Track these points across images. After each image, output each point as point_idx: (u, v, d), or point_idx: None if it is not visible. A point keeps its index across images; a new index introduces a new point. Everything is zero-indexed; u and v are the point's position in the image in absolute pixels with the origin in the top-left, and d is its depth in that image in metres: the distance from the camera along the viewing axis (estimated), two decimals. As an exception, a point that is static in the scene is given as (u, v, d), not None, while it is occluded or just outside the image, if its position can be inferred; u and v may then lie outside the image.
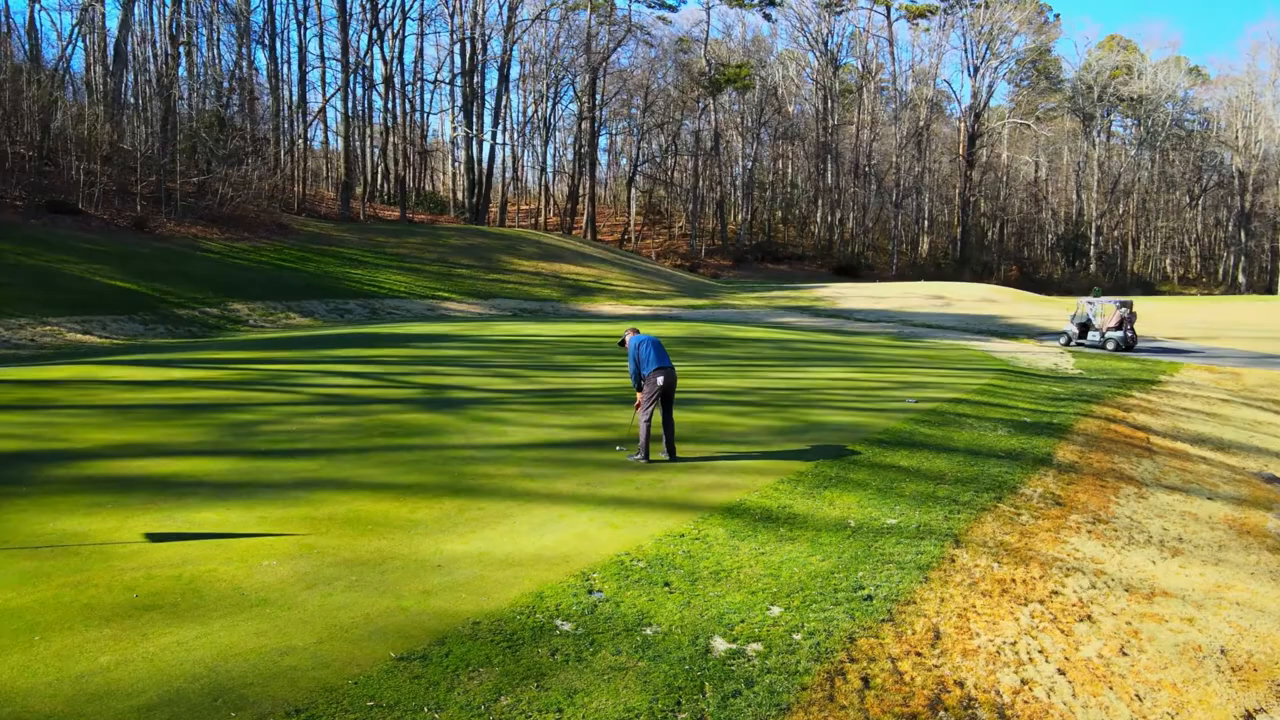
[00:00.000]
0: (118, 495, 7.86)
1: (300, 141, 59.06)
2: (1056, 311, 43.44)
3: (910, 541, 8.30)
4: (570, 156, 79.19)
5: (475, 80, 64.92)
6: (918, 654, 6.25)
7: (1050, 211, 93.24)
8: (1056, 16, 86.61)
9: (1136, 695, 6.57)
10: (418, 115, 67.63)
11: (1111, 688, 6.51)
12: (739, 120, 73.93)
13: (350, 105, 59.25)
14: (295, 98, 62.04)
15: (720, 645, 5.78)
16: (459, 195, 66.38)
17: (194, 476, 8.63)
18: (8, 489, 7.93)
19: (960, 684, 6.02)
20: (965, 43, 76.40)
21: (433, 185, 77.66)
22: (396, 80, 62.41)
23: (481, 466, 9.47)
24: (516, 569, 6.47)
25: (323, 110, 66.86)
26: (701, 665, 5.47)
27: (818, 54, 77.78)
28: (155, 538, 6.72)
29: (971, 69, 76.42)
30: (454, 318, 32.05)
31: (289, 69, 62.90)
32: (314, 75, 67.47)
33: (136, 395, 13.13)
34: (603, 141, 74.71)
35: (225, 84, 43.60)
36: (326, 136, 72.02)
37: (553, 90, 69.49)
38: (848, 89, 78.03)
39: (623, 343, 10.71)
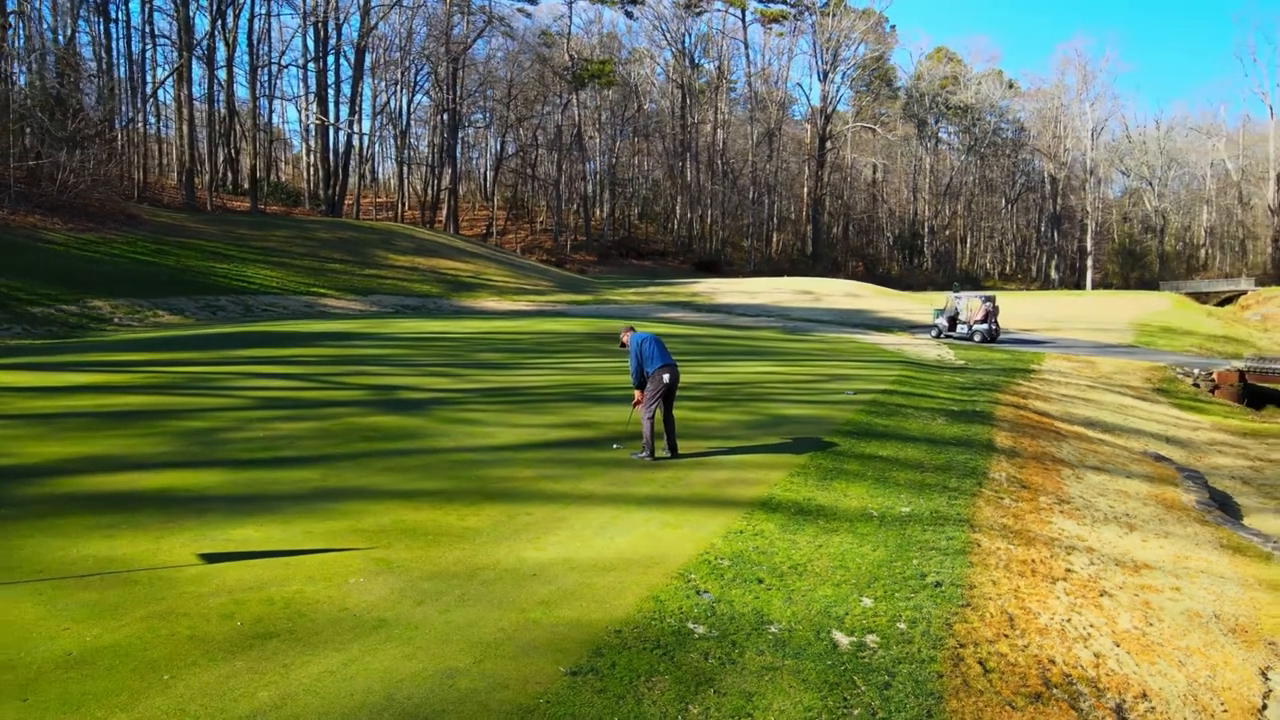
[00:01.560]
0: (125, 515, 7.09)
1: (140, 126, 54.50)
2: (913, 306, 46.17)
3: (935, 528, 8.67)
4: (425, 148, 77.10)
5: (329, 67, 62.04)
6: (1005, 635, 6.56)
7: (889, 211, 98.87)
8: (893, 28, 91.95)
9: (1180, 661, 7.15)
10: (263, 101, 63.83)
11: (1160, 657, 7.05)
12: (598, 116, 74.15)
13: (192, 88, 55.26)
14: (135, 77, 57.25)
15: (842, 639, 5.87)
16: (312, 186, 63.24)
17: (194, 491, 7.89)
18: (-19, 512, 7.00)
19: (1052, 661, 6.37)
20: (815, 49, 79.76)
21: (278, 175, 73.62)
22: (245, 63, 58.74)
23: (493, 470, 9.14)
24: (614, 574, 6.32)
25: (155, 93, 62.07)
26: (839, 660, 5.54)
27: (675, 53, 79.19)
28: (211, 558, 6.12)
29: (821, 74, 79.94)
30: (335, 315, 30.58)
31: (127, 46, 57.92)
32: (159, 54, 62.46)
33: (55, 403, 11.81)
34: (465, 134, 72.98)
35: (58, 59, 39.50)
36: (163, 121, 66.82)
37: (412, 80, 67.40)
38: (704, 89, 79.80)
39: (623, 343, 10.60)
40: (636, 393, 10.14)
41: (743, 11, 77.89)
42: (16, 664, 4.52)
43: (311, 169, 64.17)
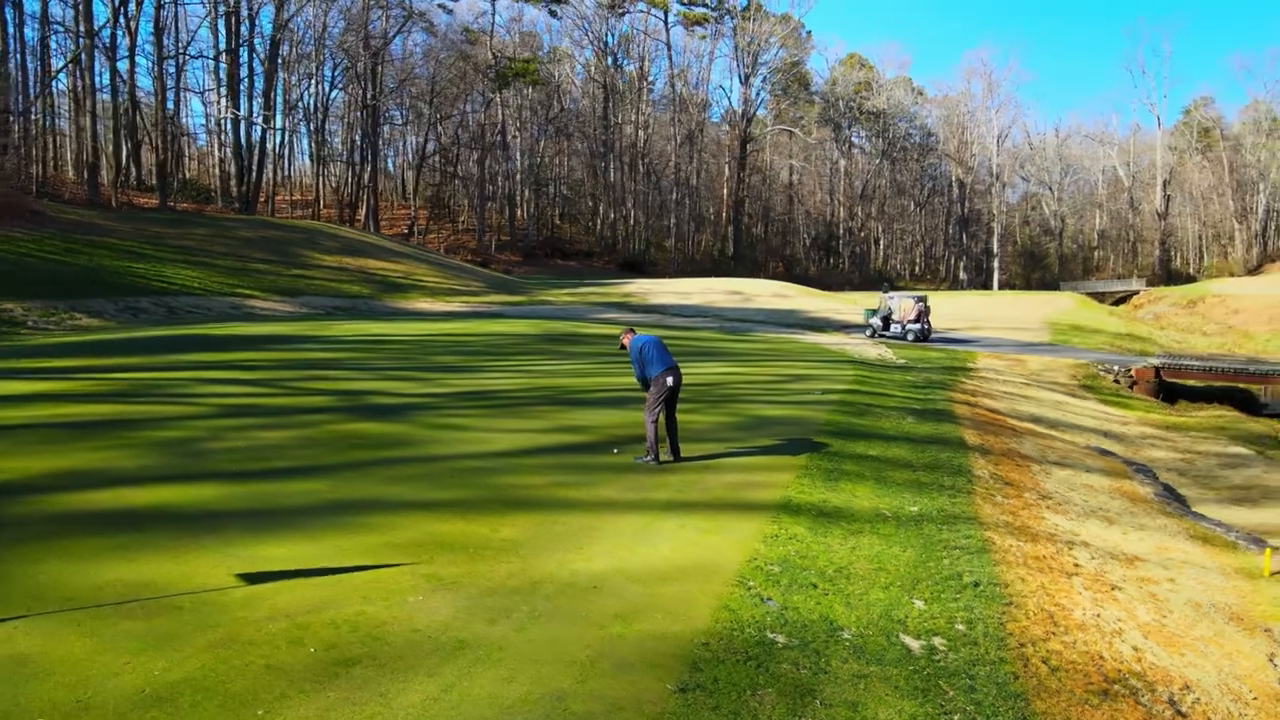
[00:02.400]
0: (135, 534, 6.60)
1: (39, 118, 51.29)
2: (841, 306, 47.16)
3: (949, 527, 8.81)
4: (340, 144, 74.99)
5: (241, 60, 59.67)
6: (1053, 633, 6.69)
7: (806, 213, 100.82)
8: (809, 33, 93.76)
9: (1202, 651, 7.41)
10: (170, 94, 60.93)
11: (1185, 649, 7.29)
12: (519, 115, 73.38)
13: (93, 79, 52.42)
14: (33, 67, 53.96)
15: (912, 643, 5.88)
16: (224, 183, 60.74)
17: (198, 506, 7.41)
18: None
19: (1101, 657, 6.52)
20: (735, 52, 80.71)
21: (184, 171, 70.49)
22: (151, 52, 55.97)
23: (502, 477, 8.88)
24: (674, 584, 6.19)
25: (50, 84, 58.65)
26: (918, 664, 5.55)
27: (597, 52, 79.01)
28: (250, 579, 5.74)
29: (743, 77, 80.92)
30: (264, 317, 29.41)
31: (19, 32, 54.41)
32: (54, 41, 58.84)
33: (6, 414, 10.95)
34: (385, 131, 71.11)
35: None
36: (58, 113, 63.12)
37: (329, 75, 65.44)
38: (627, 89, 79.89)
39: (622, 346, 10.47)
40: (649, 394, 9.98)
41: (665, 13, 78.36)
42: (91, 705, 4.14)
43: (222, 165, 61.62)
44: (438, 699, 4.38)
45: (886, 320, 33.64)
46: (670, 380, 9.87)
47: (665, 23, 79.45)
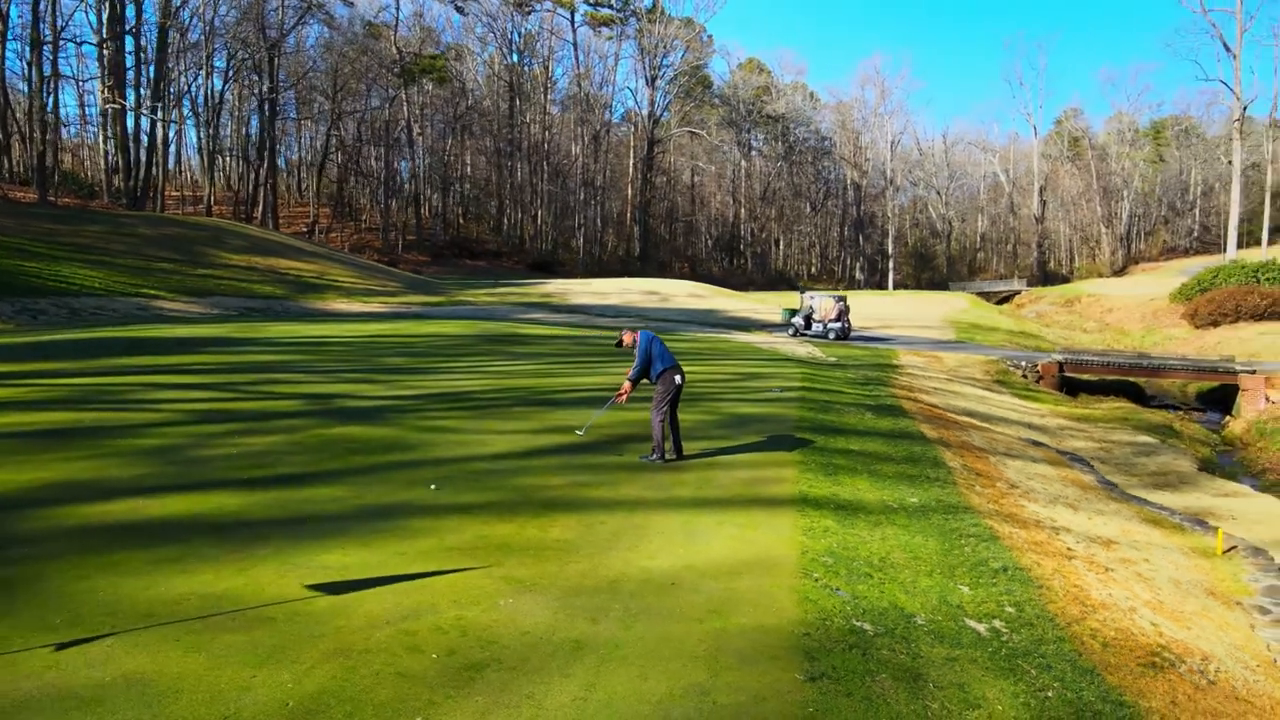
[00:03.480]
0: (179, 547, 6.28)
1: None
2: (757, 306, 48.11)
3: (953, 517, 9.22)
4: (228, 138, 71.91)
5: (128, 47, 56.46)
6: (1087, 613, 7.12)
7: (709, 214, 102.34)
8: (710, 37, 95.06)
9: (1201, 625, 7.99)
10: (49, 82, 57.06)
11: (1190, 623, 7.86)
12: (424, 112, 71.89)
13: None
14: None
15: (978, 626, 6.18)
16: (108, 177, 57.31)
17: (229, 516, 7.10)
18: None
19: (1131, 633, 6.98)
20: (641, 54, 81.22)
21: (59, 164, 66.18)
22: (25, 37, 52.35)
23: (521, 479, 8.79)
24: (746, 578, 6.31)
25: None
26: (993, 646, 5.85)
27: (503, 50, 78.19)
28: (327, 589, 5.57)
29: (649, 78, 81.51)
30: (175, 318, 27.98)
31: None
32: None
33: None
34: (283, 126, 68.33)
35: None
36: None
37: (223, 66, 62.57)
38: (533, 89, 79.31)
39: (619, 343, 10.54)
40: (626, 385, 10.03)
41: (571, 13, 78.15)
42: (243, 721, 3.97)
43: (107, 158, 58.13)
44: (585, 698, 4.38)
45: (808, 319, 34.54)
46: (678, 379, 10.00)
47: (572, 22, 79.36)
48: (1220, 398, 32.33)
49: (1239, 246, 61.02)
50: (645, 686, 4.53)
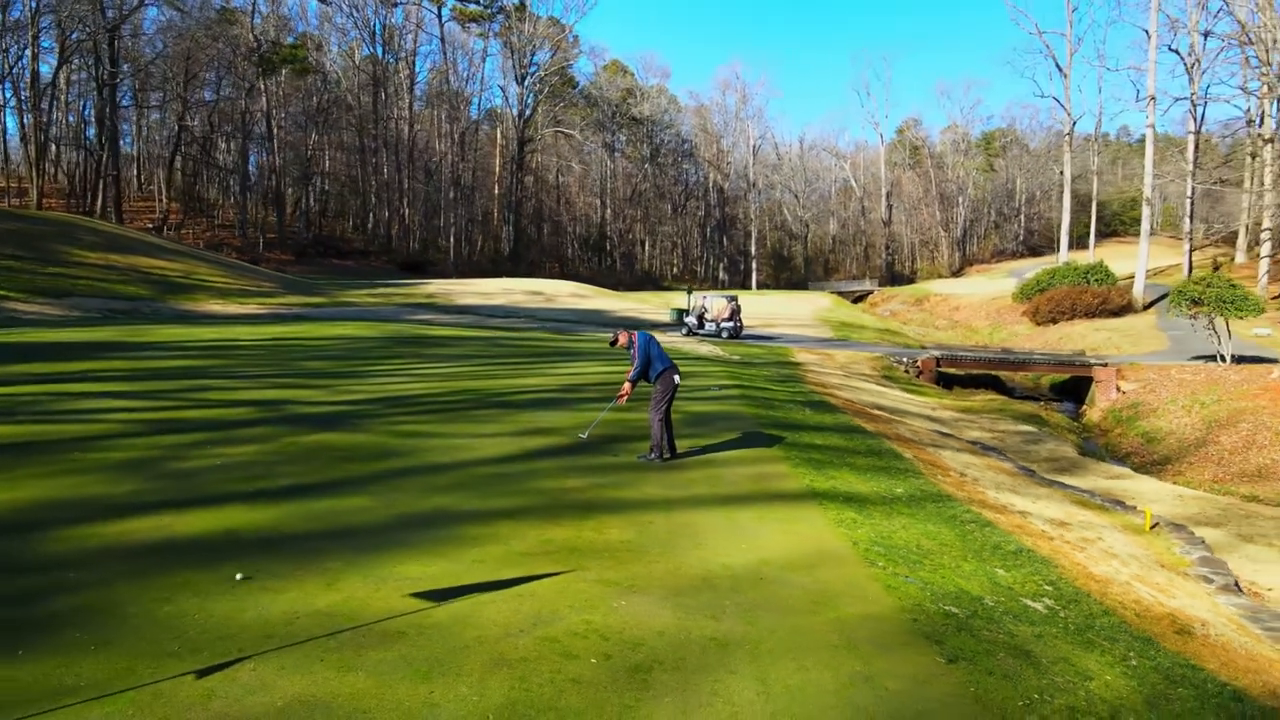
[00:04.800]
0: (241, 564, 5.90)
1: None
2: (640, 305, 48.63)
3: (944, 505, 9.78)
4: (54, 125, 66.10)
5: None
6: (1101, 586, 7.73)
7: (576, 214, 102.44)
8: (575, 38, 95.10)
9: (1178, 594, 8.81)
10: None
11: (1173, 594, 8.65)
12: (285, 103, 68.50)
13: None
14: None
15: (1035, 605, 6.65)
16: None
17: (270, 531, 6.69)
18: (45, 573, 5.48)
19: (1139, 601, 7.64)
20: (511, 53, 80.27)
21: None
22: None
23: (539, 482, 8.68)
24: (824, 570, 6.52)
25: None
26: (1060, 623, 6.31)
27: (367, 42, 75.50)
28: (431, 597, 5.39)
29: (518, 76, 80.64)
30: (33, 321, 25.61)
31: None
32: None
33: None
34: (127, 114, 63.22)
35: None
36: None
37: (56, 47, 57.33)
38: (401, 84, 76.92)
39: (614, 341, 10.57)
40: (626, 386, 10.11)
41: (439, 8, 76.35)
42: (465, 739, 3.84)
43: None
44: (766, 693, 4.47)
45: (701, 319, 35.24)
46: (677, 378, 10.16)
47: (439, 17, 77.54)
48: (1071, 388, 35.26)
49: (1069, 249, 66.44)
50: (812, 677, 4.66)
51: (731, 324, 34.51)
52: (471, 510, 7.55)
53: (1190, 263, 62.24)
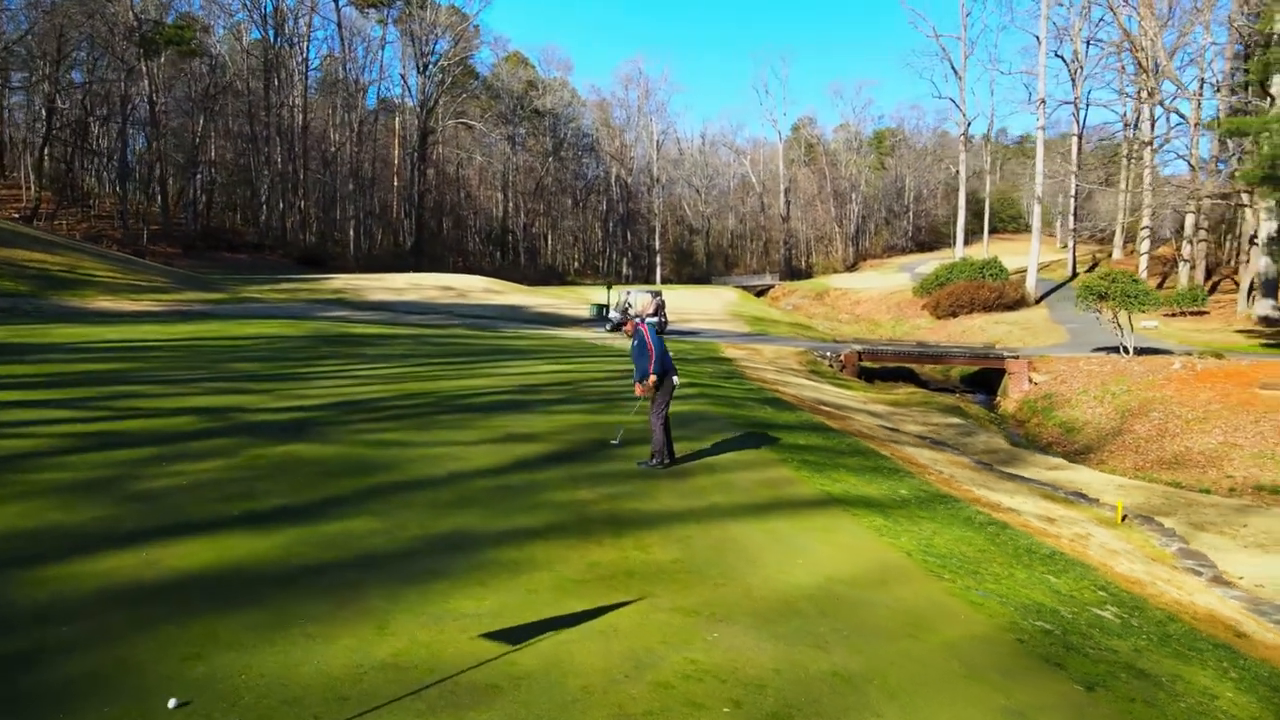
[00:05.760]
0: (266, 609, 5.10)
1: None
2: (555, 301, 47.80)
3: (952, 506, 9.63)
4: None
5: None
6: (1139, 587, 7.65)
7: (479, 208, 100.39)
8: (476, 27, 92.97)
9: (1182, 585, 8.87)
10: None
11: (1183, 588, 8.70)
12: (169, 87, 64.36)
13: None
14: None
15: (1105, 614, 6.47)
16: None
17: (276, 563, 5.87)
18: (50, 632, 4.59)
19: (1183, 604, 7.58)
20: (412, 41, 77.69)
21: None
22: None
23: (550, 495, 8.06)
24: (897, 587, 6.19)
25: None
26: (1137, 631, 6.14)
27: (257, 23, 71.76)
28: (501, 638, 4.77)
29: (420, 66, 78.10)
30: (-102, 320, 23.13)
31: None
32: None
33: None
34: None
35: None
36: None
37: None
38: (294, 69, 73.35)
39: (628, 332, 9.77)
40: (651, 379, 9.49)
41: (335, -10, 73.07)
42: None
43: None
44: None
45: (626, 314, 34.77)
46: (676, 379, 9.67)
47: (336, 3, 74.29)
48: (982, 380, 36.44)
49: (965, 245, 68.98)
50: (963, 715, 4.26)
51: (657, 320, 34.12)
52: (494, 531, 6.87)
53: (1074, 259, 65.49)
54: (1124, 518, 12.34)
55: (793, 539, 7.12)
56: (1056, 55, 63.07)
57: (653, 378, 9.41)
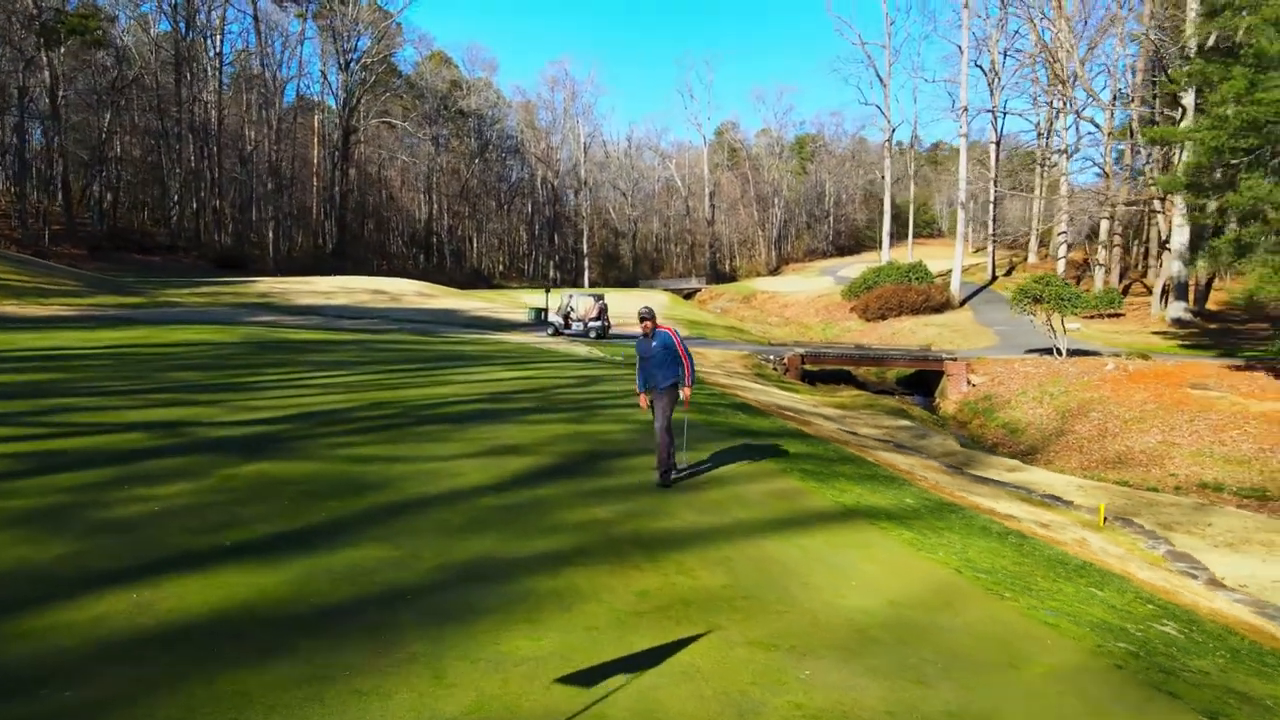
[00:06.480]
0: (299, 661, 4.43)
1: None
2: (490, 305, 46.81)
3: (967, 516, 9.43)
4: None
5: None
6: (1173, 597, 7.48)
7: (403, 209, 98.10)
8: (399, 25, 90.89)
9: (1180, 586, 8.80)
10: None
11: (1209, 599, 8.61)
12: (72, 80, 60.78)
13: None
14: None
15: (1167, 629, 6.25)
16: None
17: (287, 604, 5.19)
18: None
19: (1221, 613, 7.45)
20: (334, 37, 75.32)
21: None
22: None
23: (563, 515, 7.49)
24: (964, 608, 5.86)
25: None
26: (1206, 649, 5.91)
27: (170, 16, 68.32)
28: (578, 681, 4.24)
29: (342, 63, 75.76)
30: None
31: None
32: None
33: None
34: None
35: None
36: None
37: None
38: (211, 66, 70.24)
39: (645, 333, 8.98)
40: (688, 390, 8.97)
41: (252, -18, 70.21)
42: None
43: None
44: None
45: (568, 318, 34.14)
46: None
47: (250, -6, 71.37)
48: (918, 381, 37.00)
49: (888, 249, 70.36)
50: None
51: (600, 323, 33.62)
52: (520, 557, 6.29)
53: (994, 263, 67.48)
54: (1105, 520, 12.38)
55: (831, 556, 6.73)
56: (976, 65, 64.90)
57: (688, 389, 8.91)
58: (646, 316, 8.98)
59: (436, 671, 4.37)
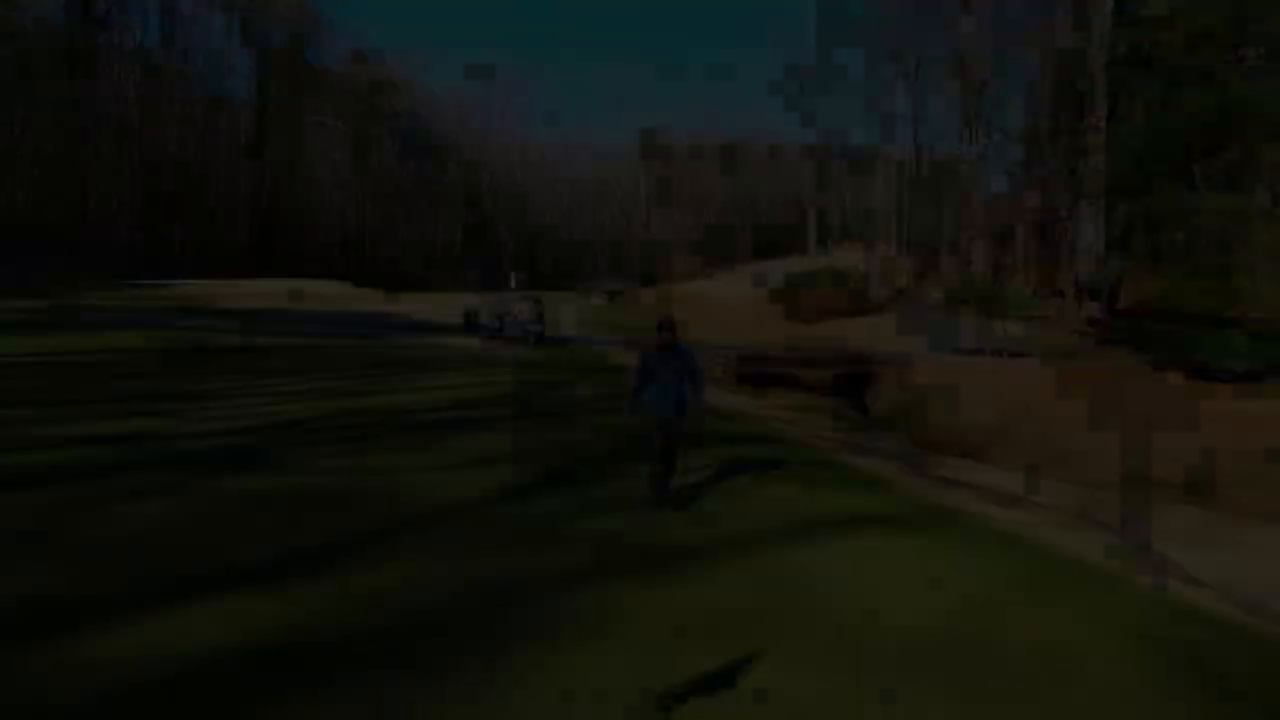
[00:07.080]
0: (355, 700, 4.18)
1: None
2: (420, 308, 45.84)
3: (965, 520, 9.49)
4: None
5: None
6: (1171, 591, 7.64)
7: (326, 210, 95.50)
8: (322, 20, 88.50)
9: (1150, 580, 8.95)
10: None
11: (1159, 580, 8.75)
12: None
13: None
14: None
15: (1191, 629, 6.32)
16: None
17: (329, 639, 4.89)
18: None
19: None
20: (251, 32, 72.76)
21: None
22: None
23: (570, 529, 7.28)
24: (1018, 618, 5.83)
25: None
26: (1247, 651, 5.98)
27: (67, 7, 64.94)
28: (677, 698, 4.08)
29: (261, 59, 73.23)
30: None
31: None
32: None
33: None
34: None
35: None
36: None
37: None
38: (113, 53, 67.03)
39: (664, 345, 8.18)
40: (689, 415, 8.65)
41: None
42: None
43: None
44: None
45: (502, 321, 33.54)
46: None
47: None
48: (853, 382, 37.57)
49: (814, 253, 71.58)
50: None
51: (538, 326, 33.16)
52: (545, 574, 6.04)
53: (911, 267, 69.23)
54: (1074, 519, 12.67)
55: (857, 567, 6.67)
56: (898, 76, 66.49)
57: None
58: (667, 327, 7.97)
59: (502, 705, 4.13)
